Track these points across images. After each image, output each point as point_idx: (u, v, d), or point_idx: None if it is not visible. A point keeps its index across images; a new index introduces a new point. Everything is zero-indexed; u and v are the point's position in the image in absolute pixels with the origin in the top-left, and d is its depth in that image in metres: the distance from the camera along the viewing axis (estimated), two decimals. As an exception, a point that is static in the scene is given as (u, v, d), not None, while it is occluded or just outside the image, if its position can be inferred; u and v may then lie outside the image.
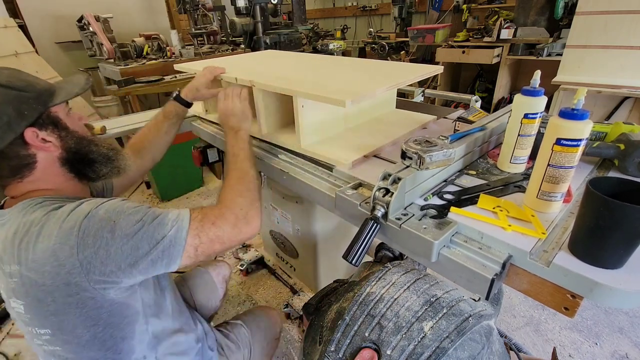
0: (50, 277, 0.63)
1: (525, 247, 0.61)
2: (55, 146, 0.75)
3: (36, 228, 0.64)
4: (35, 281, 0.63)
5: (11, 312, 0.71)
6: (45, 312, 0.66)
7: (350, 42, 4.77)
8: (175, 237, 0.68)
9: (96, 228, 0.64)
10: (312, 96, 0.92)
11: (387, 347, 0.65)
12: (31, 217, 0.66)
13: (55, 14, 3.70)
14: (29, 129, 0.70)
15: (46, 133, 0.73)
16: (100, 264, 0.64)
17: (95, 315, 0.68)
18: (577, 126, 0.62)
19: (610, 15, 2.01)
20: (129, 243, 0.65)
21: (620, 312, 1.71)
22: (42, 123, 0.73)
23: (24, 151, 0.71)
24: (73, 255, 0.62)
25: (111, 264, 0.64)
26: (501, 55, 2.87)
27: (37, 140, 0.71)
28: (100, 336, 0.70)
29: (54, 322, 0.67)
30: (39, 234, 0.64)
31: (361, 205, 0.78)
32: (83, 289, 0.64)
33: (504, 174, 0.86)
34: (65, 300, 0.64)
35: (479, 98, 1.51)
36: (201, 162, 1.62)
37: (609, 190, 0.53)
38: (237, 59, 1.55)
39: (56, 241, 0.62)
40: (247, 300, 1.91)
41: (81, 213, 0.65)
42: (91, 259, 0.63)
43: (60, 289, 0.63)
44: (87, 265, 0.63)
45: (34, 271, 0.63)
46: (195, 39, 3.70)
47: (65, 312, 0.66)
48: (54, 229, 0.63)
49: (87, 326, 0.68)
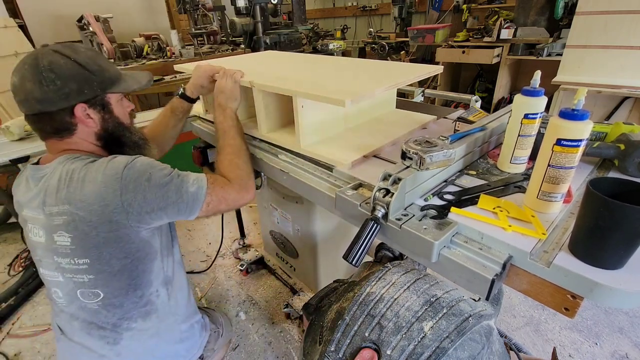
0: (97, 215, 0.77)
1: (525, 248, 0.61)
2: (95, 123, 0.88)
3: (80, 175, 0.78)
4: (84, 217, 0.77)
5: (46, 245, 0.83)
6: (89, 244, 0.79)
7: (350, 42, 4.77)
8: (197, 194, 0.85)
9: (136, 176, 0.78)
10: (311, 96, 0.92)
11: (387, 347, 0.65)
12: (72, 167, 0.79)
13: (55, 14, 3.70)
14: (80, 104, 0.83)
15: (93, 111, 0.86)
16: (138, 206, 0.78)
17: (128, 249, 0.82)
18: (577, 126, 0.62)
19: (610, 15, 2.01)
20: (161, 191, 0.80)
21: (620, 312, 1.71)
22: (95, 103, 0.86)
23: (68, 118, 0.84)
24: (117, 197, 0.76)
25: (147, 207, 0.79)
26: (501, 55, 2.87)
27: (83, 114, 0.84)
28: (128, 267, 0.84)
29: (94, 254, 0.80)
30: (84, 180, 0.77)
31: (361, 205, 0.78)
32: (122, 226, 0.79)
33: (504, 174, 0.86)
34: (107, 235, 0.79)
35: (479, 98, 1.51)
36: (201, 162, 1.62)
37: (609, 190, 0.53)
38: (237, 60, 1.55)
39: (102, 185, 0.76)
40: (247, 300, 1.91)
41: (120, 163, 0.79)
42: (132, 201, 0.78)
43: (104, 224, 0.78)
44: (127, 207, 0.78)
45: (83, 210, 0.77)
46: (195, 39, 3.70)
47: (106, 244, 0.80)
48: (98, 175, 0.77)
49: (120, 258, 0.82)
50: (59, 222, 0.79)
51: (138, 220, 0.80)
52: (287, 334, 1.69)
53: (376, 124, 1.22)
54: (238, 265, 2.07)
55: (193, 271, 2.14)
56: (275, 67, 1.33)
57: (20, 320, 1.87)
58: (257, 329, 1.74)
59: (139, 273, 0.87)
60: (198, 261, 2.23)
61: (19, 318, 1.88)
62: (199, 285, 2.04)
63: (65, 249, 0.81)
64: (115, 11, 3.67)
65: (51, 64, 0.78)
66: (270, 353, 1.62)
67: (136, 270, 0.86)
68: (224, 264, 2.19)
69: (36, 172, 0.84)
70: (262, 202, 1.85)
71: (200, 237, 2.45)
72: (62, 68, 0.79)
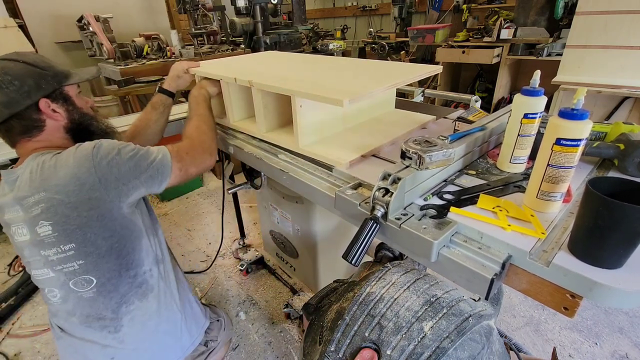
0: (75, 195, 0.80)
1: (524, 247, 0.61)
2: (62, 117, 0.92)
3: (50, 163, 0.81)
4: (62, 200, 0.79)
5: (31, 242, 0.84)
6: (71, 226, 0.81)
7: (350, 42, 4.77)
8: (163, 160, 0.90)
9: (105, 152, 0.82)
10: (310, 96, 0.92)
11: (387, 347, 0.64)
12: (42, 158, 0.83)
13: (55, 14, 3.70)
14: (43, 99, 0.87)
15: (57, 105, 0.90)
16: (115, 178, 0.82)
17: (112, 226, 0.85)
18: (577, 126, 0.62)
19: (610, 15, 2.01)
20: (132, 161, 0.85)
21: (620, 312, 1.71)
22: (55, 97, 0.90)
23: (36, 115, 0.88)
24: (92, 175, 0.80)
25: (123, 178, 0.83)
26: (501, 55, 2.87)
27: (48, 109, 0.88)
28: (116, 247, 0.87)
29: (78, 236, 0.82)
30: (56, 166, 0.80)
31: (361, 205, 0.78)
32: (103, 202, 0.82)
33: (504, 174, 0.86)
34: (88, 213, 0.81)
35: (478, 98, 1.51)
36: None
37: (609, 190, 0.53)
38: (236, 60, 1.55)
39: (74, 166, 0.80)
40: (247, 300, 1.91)
41: (88, 145, 0.83)
42: (107, 175, 0.81)
43: (84, 203, 0.80)
44: (104, 182, 0.81)
45: (60, 193, 0.79)
46: (195, 39, 3.70)
47: (89, 224, 0.82)
48: (69, 159, 0.81)
49: (106, 237, 0.85)
50: (37, 212, 0.80)
51: (117, 194, 0.84)
52: (287, 334, 1.69)
53: (375, 123, 1.22)
54: (238, 265, 2.07)
55: (193, 271, 2.14)
56: (274, 67, 1.33)
57: (20, 320, 1.87)
58: (257, 329, 1.74)
59: (128, 251, 0.90)
60: (198, 261, 2.23)
61: (19, 318, 1.88)
62: (199, 285, 2.04)
63: (49, 238, 0.82)
64: (115, 11, 3.67)
65: (3, 69, 0.83)
66: (270, 353, 1.62)
67: (125, 249, 0.89)
68: (224, 264, 2.19)
69: (9, 175, 0.86)
70: (262, 202, 1.85)
71: (200, 237, 2.45)
72: (14, 69, 0.84)
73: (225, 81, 1.21)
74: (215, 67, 1.35)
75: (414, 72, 1.11)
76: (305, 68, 1.29)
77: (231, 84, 1.21)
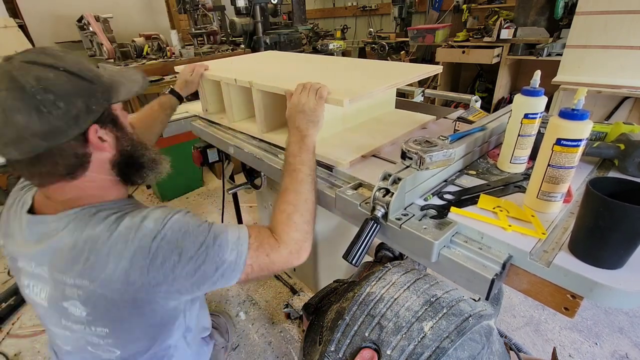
0: (119, 293, 0.64)
1: (525, 248, 0.61)
2: (110, 146, 0.70)
3: (104, 248, 0.64)
4: (104, 295, 0.65)
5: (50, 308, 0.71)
6: (109, 317, 0.68)
7: (350, 42, 4.77)
8: (235, 264, 0.70)
9: (165, 250, 0.64)
10: (311, 96, 0.91)
11: (387, 347, 0.64)
12: (93, 233, 0.64)
13: (55, 14, 3.70)
14: (92, 126, 0.65)
15: (104, 132, 0.68)
16: (168, 284, 0.66)
17: (152, 321, 0.73)
18: (577, 126, 0.62)
19: (610, 15, 2.01)
20: (194, 266, 0.66)
21: (620, 312, 1.71)
22: (104, 121, 0.67)
23: (81, 149, 0.65)
24: (143, 275, 0.64)
25: (177, 284, 0.66)
26: (501, 55, 2.87)
27: (96, 138, 0.66)
28: (149, 332, 0.75)
29: (115, 325, 0.70)
30: (109, 254, 0.63)
31: (361, 205, 0.78)
32: (147, 302, 0.68)
33: (504, 174, 0.86)
34: (130, 311, 0.68)
35: (479, 98, 1.51)
36: (201, 162, 1.62)
37: (609, 190, 0.53)
38: (237, 60, 1.55)
39: (128, 259, 0.63)
40: (247, 300, 1.91)
41: (149, 233, 0.65)
42: (160, 280, 0.65)
43: (127, 303, 0.66)
44: (155, 285, 0.65)
45: (104, 287, 0.64)
46: (195, 39, 3.70)
47: (128, 318, 0.69)
48: (124, 251, 0.63)
49: (144, 326, 0.72)
50: (71, 294, 0.66)
51: (166, 298, 0.69)
52: (287, 334, 1.69)
53: (375, 124, 1.22)
54: (238, 265, 2.07)
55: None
56: (274, 67, 1.33)
57: (20, 320, 1.87)
58: (257, 329, 1.74)
59: (160, 335, 0.78)
60: (198, 261, 2.23)
61: (19, 318, 1.88)
62: (199, 285, 2.04)
63: (78, 318, 0.69)
64: (115, 11, 3.66)
65: (40, 81, 0.58)
66: (270, 353, 1.62)
67: (161, 336, 0.78)
68: (224, 264, 2.18)
69: (37, 225, 0.69)
70: (262, 202, 1.85)
71: (200, 237, 2.45)
72: (57, 84, 0.59)
73: (225, 82, 1.21)
74: (219, 69, 1.35)
75: (414, 72, 1.11)
76: (305, 68, 1.29)
77: (231, 85, 1.21)
